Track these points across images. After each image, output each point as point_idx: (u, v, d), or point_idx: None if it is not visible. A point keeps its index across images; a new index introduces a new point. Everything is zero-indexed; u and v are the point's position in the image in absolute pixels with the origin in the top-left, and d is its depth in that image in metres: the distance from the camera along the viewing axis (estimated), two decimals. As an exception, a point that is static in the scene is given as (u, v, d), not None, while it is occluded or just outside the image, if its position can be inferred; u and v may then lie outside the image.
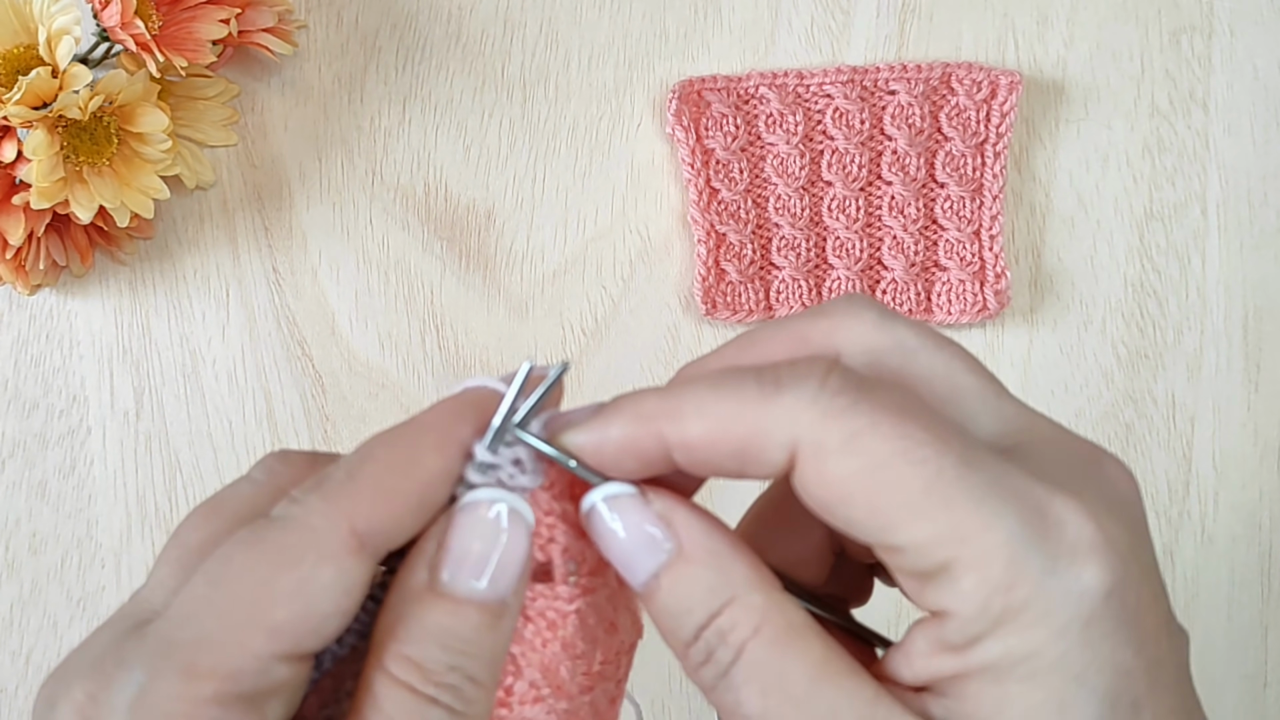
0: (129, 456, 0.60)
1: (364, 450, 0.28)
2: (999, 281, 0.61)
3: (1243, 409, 0.62)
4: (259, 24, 0.57)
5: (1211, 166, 0.63)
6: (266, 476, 0.30)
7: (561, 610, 0.29)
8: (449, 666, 0.27)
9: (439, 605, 0.27)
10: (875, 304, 0.29)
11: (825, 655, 0.27)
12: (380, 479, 0.27)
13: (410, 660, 0.27)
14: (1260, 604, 0.62)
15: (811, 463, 0.26)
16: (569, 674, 0.29)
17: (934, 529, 0.25)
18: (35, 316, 0.60)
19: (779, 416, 0.26)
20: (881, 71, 0.61)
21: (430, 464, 0.28)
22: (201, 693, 0.25)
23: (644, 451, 0.28)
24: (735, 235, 0.61)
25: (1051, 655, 0.25)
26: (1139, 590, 0.26)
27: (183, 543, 0.29)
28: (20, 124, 0.51)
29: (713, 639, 0.27)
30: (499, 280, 0.61)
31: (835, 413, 0.26)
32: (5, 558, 0.59)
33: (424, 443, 0.28)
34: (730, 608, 0.27)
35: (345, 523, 0.26)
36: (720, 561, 0.28)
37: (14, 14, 0.52)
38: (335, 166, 0.61)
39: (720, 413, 0.27)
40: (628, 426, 0.28)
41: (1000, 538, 0.25)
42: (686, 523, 0.28)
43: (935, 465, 0.25)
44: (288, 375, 0.60)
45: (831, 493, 0.26)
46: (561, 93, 0.62)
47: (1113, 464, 0.29)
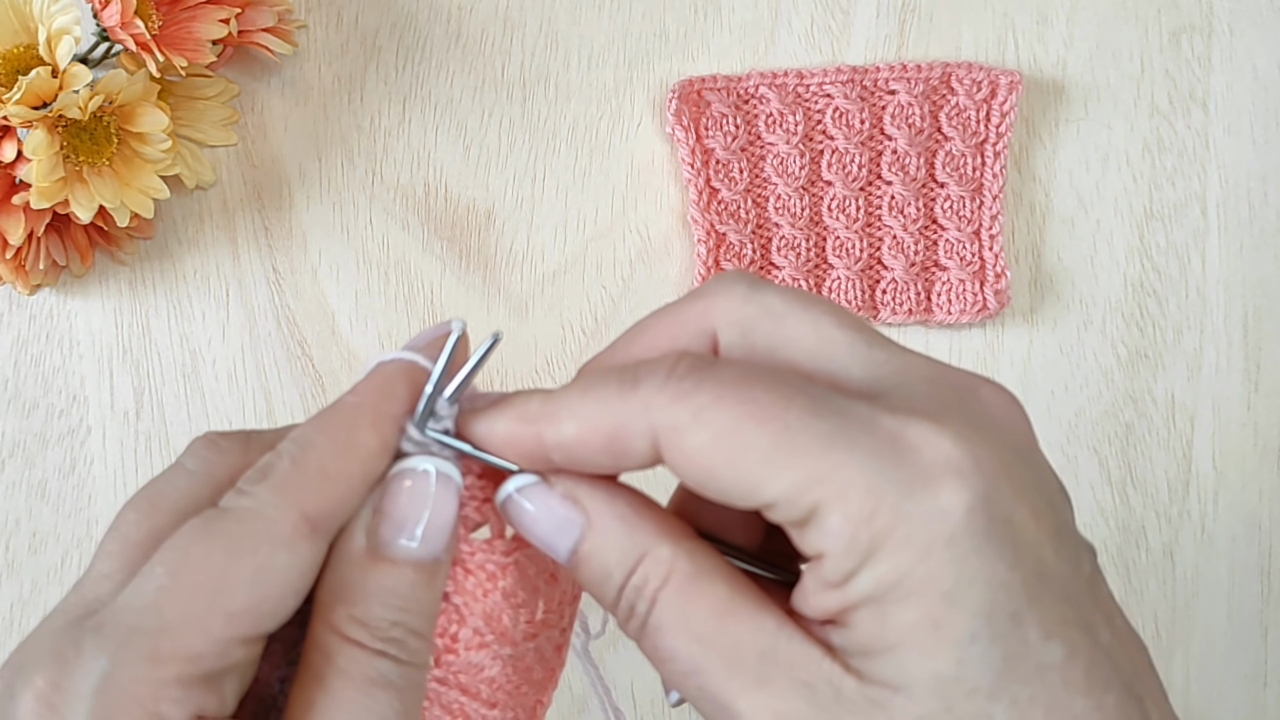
0: (129, 456, 0.60)
1: (303, 436, 0.30)
2: (999, 281, 0.61)
3: (1243, 409, 0.62)
4: (259, 24, 0.57)
5: (1211, 166, 0.63)
6: (200, 465, 0.31)
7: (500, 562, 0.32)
8: (392, 622, 0.29)
9: (379, 568, 0.29)
10: (746, 277, 0.31)
11: (730, 593, 0.29)
12: (324, 464, 0.29)
13: (357, 620, 0.29)
14: (1260, 604, 0.62)
15: (672, 444, 0.28)
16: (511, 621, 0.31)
17: (792, 478, 0.27)
18: (35, 316, 0.60)
19: (636, 408, 0.28)
20: (881, 71, 0.61)
21: (369, 443, 0.30)
22: (166, 675, 0.27)
23: (526, 450, 0.30)
24: (735, 235, 0.61)
25: (919, 576, 0.26)
26: (1013, 504, 0.27)
27: (123, 536, 0.30)
28: (20, 124, 0.51)
29: (631, 595, 0.29)
30: (499, 280, 0.61)
31: (683, 394, 0.28)
32: (5, 558, 0.59)
33: (360, 423, 0.30)
34: (643, 563, 0.29)
35: (295, 509, 0.28)
36: (628, 525, 0.30)
37: (14, 14, 0.52)
38: (335, 166, 0.61)
39: (587, 413, 0.29)
40: (512, 425, 0.30)
41: (854, 473, 0.26)
42: (591, 496, 0.30)
43: (781, 421, 0.27)
44: (288, 375, 0.60)
45: (695, 467, 0.28)
46: (561, 93, 0.62)
47: (990, 390, 0.29)
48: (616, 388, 0.29)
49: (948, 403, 0.28)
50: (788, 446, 0.27)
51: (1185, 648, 0.62)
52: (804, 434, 0.27)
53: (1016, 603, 0.26)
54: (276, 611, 0.28)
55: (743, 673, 0.28)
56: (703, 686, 0.28)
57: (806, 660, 0.28)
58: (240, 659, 0.28)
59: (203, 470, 0.31)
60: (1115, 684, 0.27)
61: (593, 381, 0.29)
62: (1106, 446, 0.62)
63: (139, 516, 0.30)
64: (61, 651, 0.27)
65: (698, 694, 0.29)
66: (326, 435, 0.30)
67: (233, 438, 0.32)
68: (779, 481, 0.27)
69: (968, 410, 0.28)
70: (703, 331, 0.31)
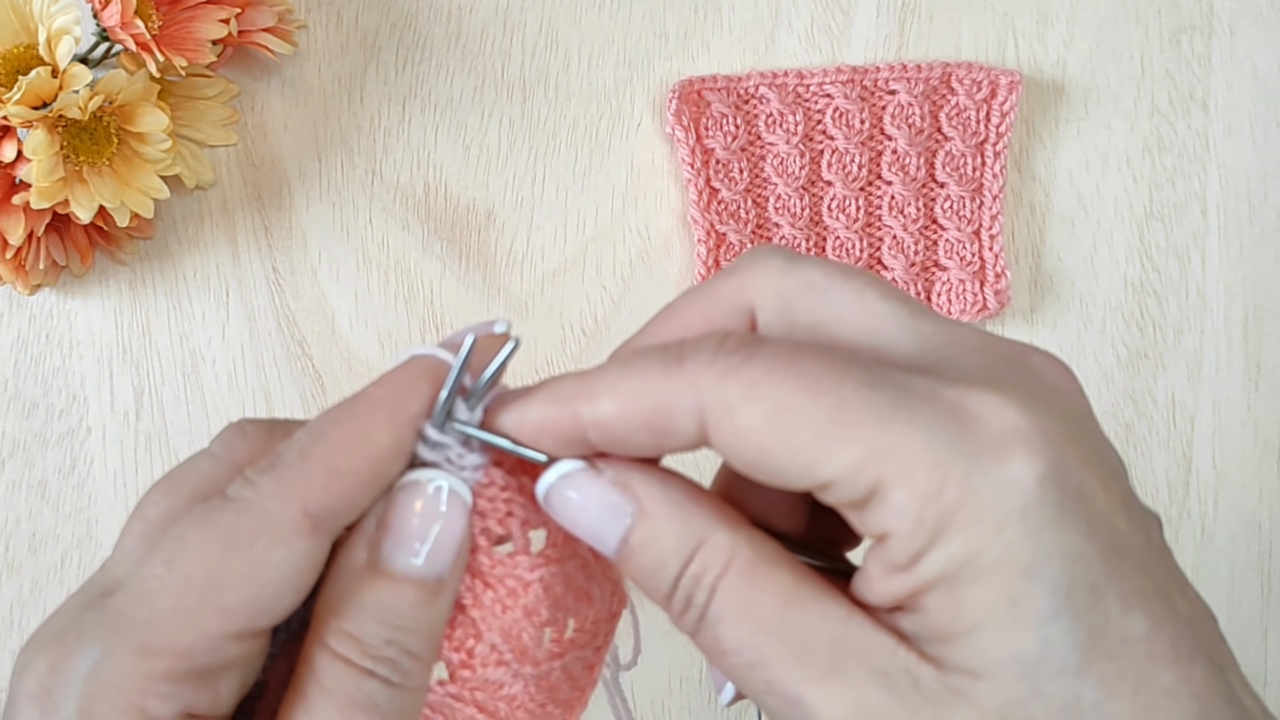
0: (129, 456, 0.60)
1: (317, 428, 0.29)
2: (999, 281, 0.61)
3: (1243, 409, 0.62)
4: (259, 24, 0.57)
5: (1211, 166, 0.63)
6: (225, 451, 0.31)
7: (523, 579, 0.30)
8: (386, 641, 0.28)
9: (377, 582, 0.28)
10: (781, 251, 0.30)
11: (795, 581, 0.27)
12: (332, 458, 0.28)
13: (349, 635, 0.28)
14: (1260, 604, 0.62)
15: (722, 422, 0.27)
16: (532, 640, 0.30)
17: (851, 454, 0.25)
18: (35, 316, 0.60)
19: (682, 384, 0.27)
20: (881, 71, 0.61)
21: (382, 441, 0.28)
22: (154, 669, 0.26)
23: (561, 431, 0.29)
24: (735, 235, 0.61)
25: (994, 553, 0.25)
26: (1081, 474, 0.26)
27: (144, 516, 0.29)
28: (20, 124, 0.51)
29: (689, 585, 0.28)
30: (499, 280, 0.61)
31: (732, 369, 0.26)
32: (5, 558, 0.59)
33: (375, 419, 0.29)
34: (700, 551, 0.28)
35: (297, 504, 0.27)
36: (683, 511, 0.28)
37: (14, 14, 0.52)
38: (335, 166, 0.61)
39: (629, 389, 0.27)
40: (545, 407, 0.29)
41: (917, 446, 0.25)
42: (643, 483, 0.29)
43: (836, 394, 0.26)
44: (288, 375, 0.60)
45: (747, 445, 0.27)
46: (561, 93, 0.62)
47: (1042, 358, 0.29)
48: (660, 364, 0.27)
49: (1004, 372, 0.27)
50: (846, 421, 0.25)
51: (1185, 648, 0.62)
52: (862, 406, 0.25)
53: (1095, 575, 0.25)
54: (273, 608, 0.27)
55: (813, 663, 0.26)
56: (770, 679, 0.27)
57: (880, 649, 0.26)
58: (236, 656, 0.27)
59: (226, 455, 0.30)
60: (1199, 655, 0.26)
61: (633, 358, 0.28)
62: (1106, 446, 0.62)
63: (161, 498, 0.30)
64: (64, 635, 0.27)
65: (764, 688, 0.27)
66: (339, 428, 0.28)
67: (259, 424, 0.31)
68: (838, 458, 0.25)
69: (1025, 379, 0.27)
70: (740, 309, 0.30)
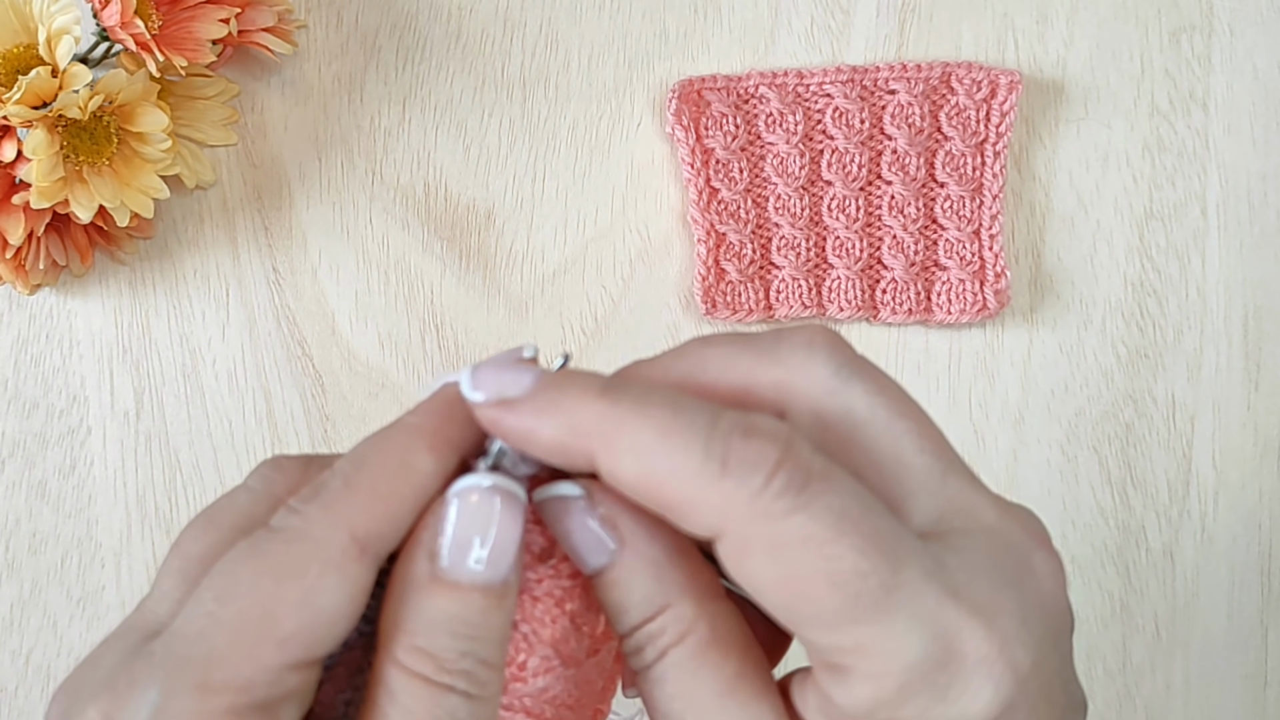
0: (129, 456, 0.60)
1: (358, 456, 0.28)
2: (999, 281, 0.61)
3: (1243, 409, 0.62)
4: (259, 24, 0.57)
5: (1211, 166, 0.63)
6: (262, 485, 0.30)
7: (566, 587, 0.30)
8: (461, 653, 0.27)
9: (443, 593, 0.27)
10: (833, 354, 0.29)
11: (740, 672, 0.28)
12: (377, 485, 0.28)
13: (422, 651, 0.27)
14: (1260, 604, 0.62)
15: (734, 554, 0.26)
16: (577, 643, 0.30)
17: (841, 640, 0.26)
18: (35, 316, 0.60)
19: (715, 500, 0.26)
20: (881, 71, 0.61)
21: (425, 466, 0.28)
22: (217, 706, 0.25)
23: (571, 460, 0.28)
24: (735, 235, 0.61)
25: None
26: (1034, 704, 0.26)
27: (184, 553, 0.29)
28: (20, 124, 0.51)
29: (643, 638, 0.28)
30: (499, 280, 0.61)
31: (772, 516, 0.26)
32: (5, 558, 0.59)
33: (417, 445, 0.28)
34: (662, 615, 0.28)
35: (345, 530, 0.27)
36: (659, 570, 0.28)
37: (14, 14, 0.52)
38: (335, 166, 0.61)
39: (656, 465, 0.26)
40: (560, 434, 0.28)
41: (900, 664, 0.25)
42: (632, 529, 0.28)
43: (856, 589, 0.25)
44: (288, 375, 0.60)
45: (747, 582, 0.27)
46: (561, 93, 0.62)
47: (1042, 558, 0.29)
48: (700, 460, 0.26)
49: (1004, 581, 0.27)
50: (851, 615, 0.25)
51: (1185, 648, 0.62)
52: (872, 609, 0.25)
53: None
54: (328, 636, 0.27)
55: None
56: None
57: None
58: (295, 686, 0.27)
59: (263, 489, 0.30)
60: None
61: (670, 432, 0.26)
62: (1106, 446, 0.62)
63: (198, 533, 0.29)
64: (115, 681, 0.26)
65: None
66: (382, 454, 0.28)
67: (295, 459, 0.31)
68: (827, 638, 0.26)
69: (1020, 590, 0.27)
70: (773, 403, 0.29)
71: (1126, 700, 0.61)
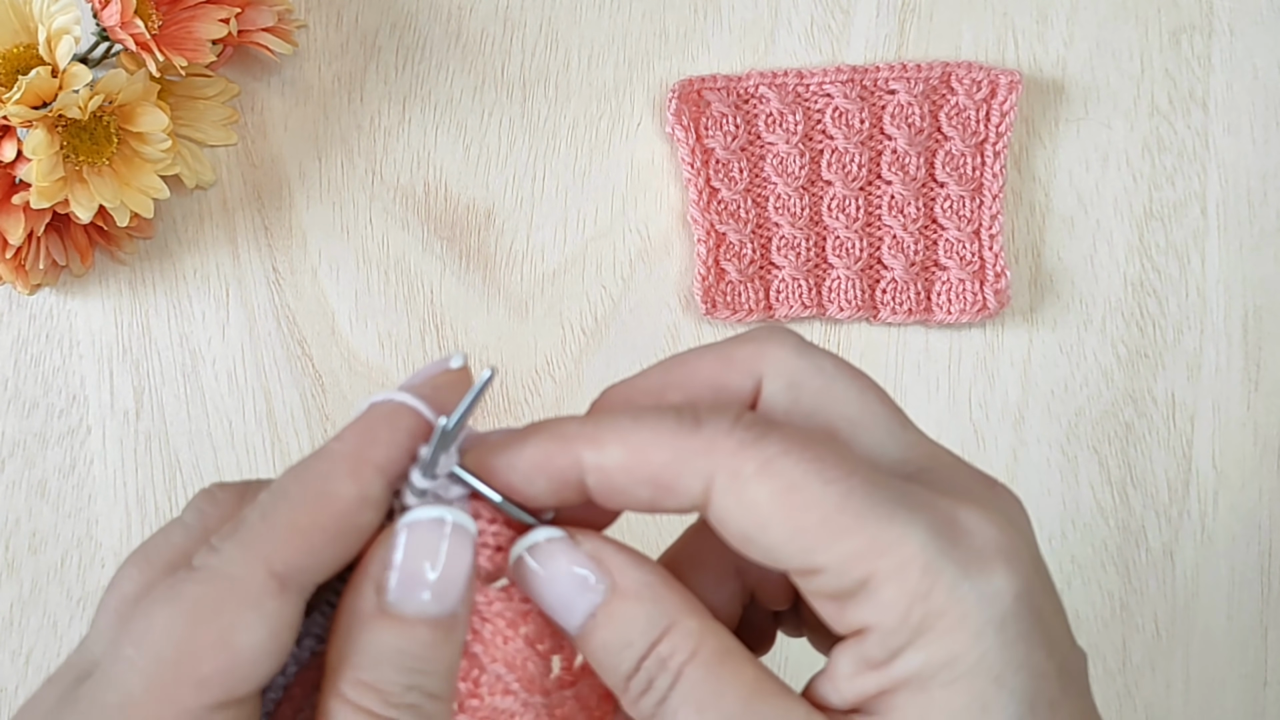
0: (129, 456, 0.60)
1: (278, 487, 0.28)
2: (999, 281, 0.61)
3: (1243, 408, 0.62)
4: (259, 23, 0.57)
5: (1211, 166, 0.63)
6: (197, 519, 0.30)
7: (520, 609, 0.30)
8: (406, 686, 0.27)
9: (390, 626, 0.27)
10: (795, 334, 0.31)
11: (759, 676, 0.28)
12: (294, 516, 0.27)
13: (367, 685, 0.27)
14: (1260, 604, 0.62)
15: (729, 490, 0.27)
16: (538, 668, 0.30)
17: (852, 544, 0.26)
18: (35, 316, 0.60)
19: (697, 447, 0.27)
20: (881, 71, 0.61)
21: (344, 493, 0.28)
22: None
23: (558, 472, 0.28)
24: (735, 235, 0.61)
25: (971, 658, 0.26)
26: (1044, 598, 0.27)
27: (120, 592, 0.29)
28: (20, 124, 0.51)
29: (653, 667, 0.28)
30: (499, 280, 0.61)
31: (749, 442, 0.27)
32: (5, 558, 0.59)
33: (336, 472, 0.28)
34: (669, 635, 0.28)
35: (262, 566, 0.27)
36: (655, 593, 0.28)
37: (14, 14, 0.52)
38: (335, 166, 0.61)
39: (640, 440, 0.28)
40: (545, 445, 0.28)
41: (914, 548, 0.26)
42: (618, 561, 0.29)
43: (845, 484, 0.26)
44: (288, 375, 0.60)
45: (751, 519, 0.27)
46: (561, 92, 0.62)
47: (1004, 490, 0.30)
48: (675, 423, 0.28)
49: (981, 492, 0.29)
50: (852, 511, 0.26)
51: (1185, 648, 0.62)
52: (867, 501, 0.26)
53: (1054, 691, 0.26)
54: (252, 674, 0.27)
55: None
56: None
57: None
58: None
59: (198, 523, 0.30)
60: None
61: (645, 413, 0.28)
62: (1106, 446, 0.62)
63: (135, 572, 0.29)
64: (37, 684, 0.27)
65: None
66: (300, 485, 0.28)
67: (230, 489, 0.31)
68: (838, 546, 0.26)
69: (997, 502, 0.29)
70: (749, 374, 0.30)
71: (1126, 700, 0.61)
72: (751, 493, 0.27)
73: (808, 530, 0.26)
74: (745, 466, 0.27)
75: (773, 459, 0.27)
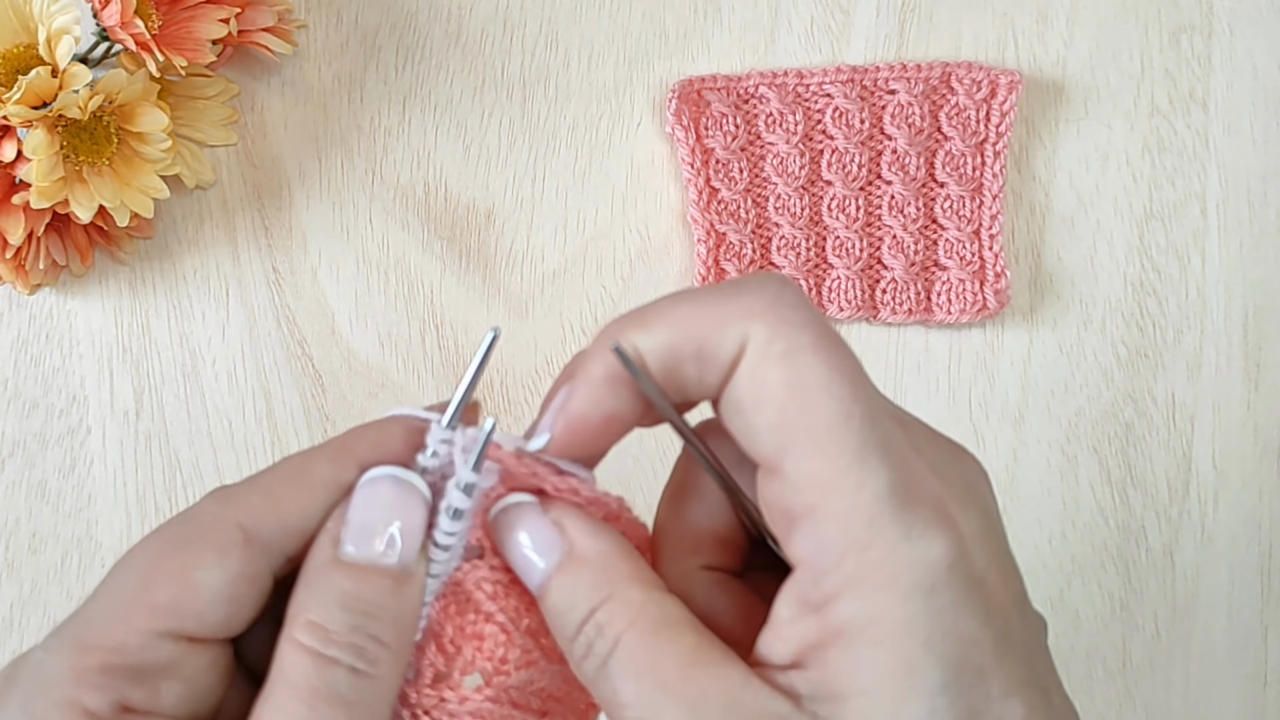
0: (129, 456, 0.60)
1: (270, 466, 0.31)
2: (999, 281, 0.61)
3: (1243, 408, 0.62)
4: (259, 23, 0.57)
5: (1211, 166, 0.63)
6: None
7: None
8: (351, 627, 0.29)
9: (342, 572, 0.29)
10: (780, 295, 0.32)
11: (697, 644, 0.29)
12: (271, 484, 0.30)
13: (314, 624, 0.29)
14: (1260, 604, 0.62)
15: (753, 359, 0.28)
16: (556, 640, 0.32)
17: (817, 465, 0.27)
18: (35, 316, 0.60)
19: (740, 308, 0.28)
20: (881, 71, 0.61)
21: (321, 472, 0.30)
22: (87, 663, 0.28)
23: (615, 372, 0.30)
24: (735, 235, 0.61)
25: (898, 619, 0.26)
26: (986, 569, 0.28)
27: None
28: (20, 123, 0.51)
29: (591, 632, 0.29)
30: (499, 280, 0.61)
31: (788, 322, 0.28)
32: (5, 558, 0.59)
33: (319, 456, 0.31)
34: (609, 603, 0.29)
35: (232, 517, 0.29)
36: (604, 561, 0.30)
37: (14, 14, 0.52)
38: (335, 166, 0.61)
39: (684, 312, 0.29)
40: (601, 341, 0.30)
41: (868, 497, 0.27)
42: (577, 527, 0.30)
43: (845, 407, 0.27)
44: (288, 375, 0.60)
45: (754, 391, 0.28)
46: (561, 93, 0.62)
47: (971, 460, 0.31)
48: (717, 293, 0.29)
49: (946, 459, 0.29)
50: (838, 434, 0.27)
51: (1185, 648, 0.62)
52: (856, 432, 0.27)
53: (984, 659, 0.27)
54: (203, 613, 0.29)
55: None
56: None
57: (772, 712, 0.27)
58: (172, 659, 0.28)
59: None
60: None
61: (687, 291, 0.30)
62: (1106, 446, 0.62)
63: None
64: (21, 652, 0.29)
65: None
66: (286, 463, 0.31)
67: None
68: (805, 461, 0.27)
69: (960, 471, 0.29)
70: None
71: (1126, 700, 0.61)
72: (765, 370, 0.28)
73: (791, 428, 0.27)
74: (775, 345, 0.28)
75: (798, 350, 0.28)
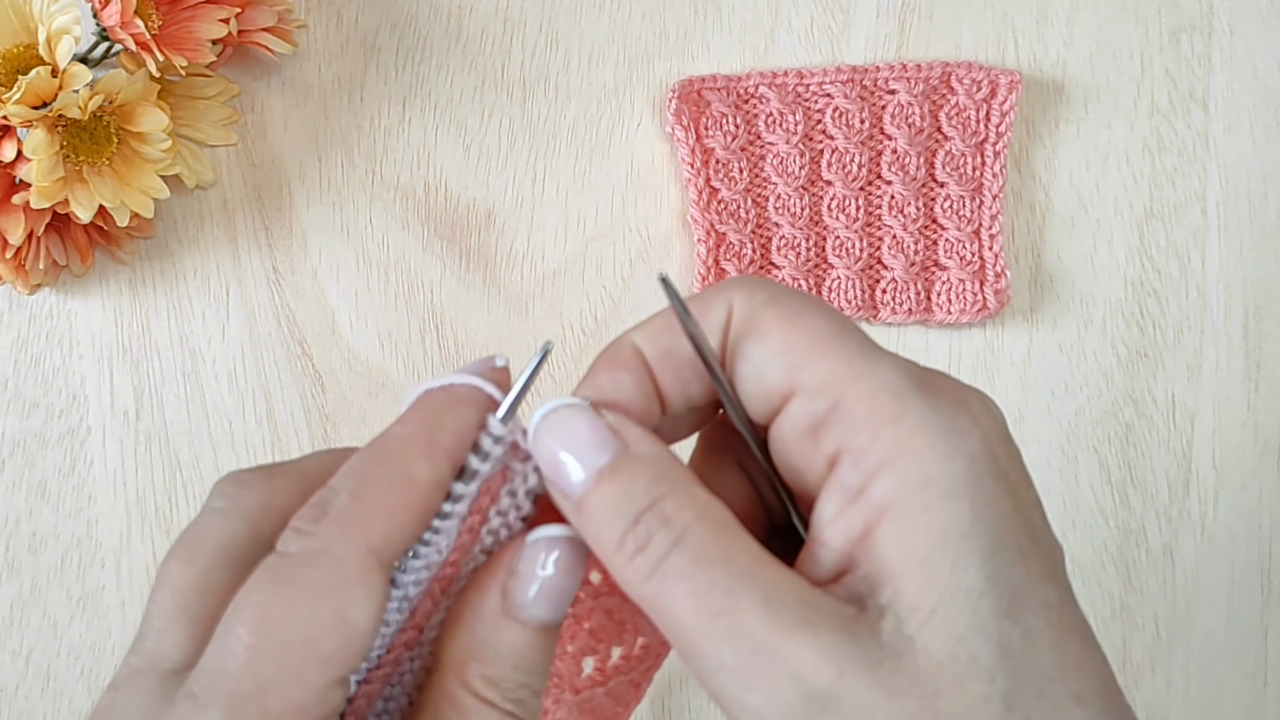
0: (129, 456, 0.60)
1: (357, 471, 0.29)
2: (999, 281, 0.61)
3: (1243, 408, 0.62)
4: (259, 23, 0.57)
5: (1211, 166, 0.63)
6: (230, 504, 0.31)
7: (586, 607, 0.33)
8: (519, 684, 0.30)
9: (512, 629, 0.30)
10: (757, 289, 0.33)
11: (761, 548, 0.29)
12: (384, 498, 0.29)
13: (490, 680, 0.30)
14: (1260, 604, 0.62)
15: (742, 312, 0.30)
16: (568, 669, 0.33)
17: (831, 366, 0.29)
18: (35, 316, 0.60)
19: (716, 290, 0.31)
20: (881, 71, 0.61)
21: (424, 475, 0.30)
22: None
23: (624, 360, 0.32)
24: (735, 235, 0.61)
25: (946, 478, 0.27)
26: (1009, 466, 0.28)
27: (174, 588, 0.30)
28: (20, 123, 0.51)
29: (653, 522, 0.29)
30: (499, 280, 0.61)
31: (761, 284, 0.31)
32: (5, 558, 0.59)
33: (414, 456, 0.30)
34: (673, 495, 0.29)
35: (363, 545, 0.28)
36: (664, 460, 0.30)
37: (14, 14, 0.52)
38: (335, 166, 0.61)
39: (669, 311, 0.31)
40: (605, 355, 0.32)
41: (888, 377, 0.28)
42: (634, 432, 0.30)
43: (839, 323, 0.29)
44: (288, 375, 0.60)
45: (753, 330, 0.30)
46: (561, 92, 0.62)
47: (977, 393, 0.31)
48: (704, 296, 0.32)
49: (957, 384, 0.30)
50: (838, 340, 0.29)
51: (1185, 648, 0.62)
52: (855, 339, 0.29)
53: (1023, 541, 0.27)
54: (364, 648, 0.28)
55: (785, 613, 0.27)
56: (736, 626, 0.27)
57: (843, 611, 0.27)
58: (339, 700, 0.28)
59: (232, 507, 0.31)
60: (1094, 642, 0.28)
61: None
62: (1106, 446, 0.62)
63: (181, 565, 0.30)
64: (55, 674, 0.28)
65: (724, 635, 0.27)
66: (382, 468, 0.29)
67: (255, 471, 0.32)
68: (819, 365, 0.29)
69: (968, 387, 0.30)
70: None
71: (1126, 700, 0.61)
72: (755, 312, 0.30)
73: (797, 348, 0.29)
74: (757, 296, 0.30)
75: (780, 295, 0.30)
